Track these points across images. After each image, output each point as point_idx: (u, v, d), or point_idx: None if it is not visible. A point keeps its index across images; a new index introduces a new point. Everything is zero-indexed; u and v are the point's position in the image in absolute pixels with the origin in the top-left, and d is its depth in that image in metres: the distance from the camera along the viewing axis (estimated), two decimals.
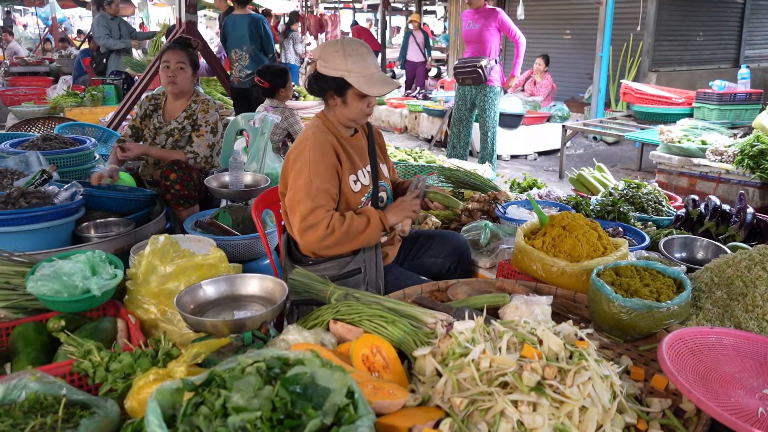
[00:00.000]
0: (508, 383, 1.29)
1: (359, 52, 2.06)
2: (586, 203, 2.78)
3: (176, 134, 3.33)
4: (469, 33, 5.56)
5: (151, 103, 3.41)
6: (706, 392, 1.36)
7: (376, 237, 2.12)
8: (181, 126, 3.33)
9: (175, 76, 3.25)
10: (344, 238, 2.04)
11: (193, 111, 3.35)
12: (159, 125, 3.36)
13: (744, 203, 2.72)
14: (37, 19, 17.40)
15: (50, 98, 7.54)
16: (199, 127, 3.32)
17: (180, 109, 3.38)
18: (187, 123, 3.34)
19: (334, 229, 2.01)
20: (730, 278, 1.82)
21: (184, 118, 3.35)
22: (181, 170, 3.12)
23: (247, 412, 1.08)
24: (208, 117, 3.34)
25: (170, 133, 3.34)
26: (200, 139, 3.29)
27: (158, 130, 3.35)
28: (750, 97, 5.75)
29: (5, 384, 1.38)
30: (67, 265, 1.81)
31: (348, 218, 2.06)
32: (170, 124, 3.35)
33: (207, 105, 3.36)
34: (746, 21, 10.51)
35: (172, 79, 3.25)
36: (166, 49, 3.33)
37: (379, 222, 2.10)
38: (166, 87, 3.30)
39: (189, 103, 3.38)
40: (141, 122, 3.42)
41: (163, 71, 3.27)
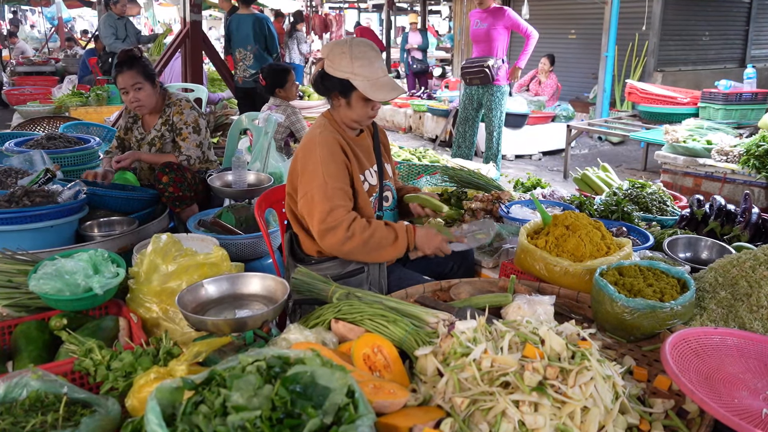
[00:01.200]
0: (509, 383, 1.28)
1: (367, 55, 2.05)
2: (590, 203, 2.77)
3: (157, 142, 3.28)
4: (477, 32, 5.55)
5: (131, 115, 3.35)
6: (710, 393, 1.35)
7: (400, 254, 2.08)
8: (159, 133, 3.27)
9: (137, 99, 3.14)
10: (365, 247, 2.00)
11: (168, 116, 3.27)
12: (140, 136, 3.32)
13: (749, 203, 2.70)
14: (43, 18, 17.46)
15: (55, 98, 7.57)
16: (180, 131, 3.24)
17: (154, 118, 3.32)
18: (164, 129, 3.27)
19: (354, 233, 1.98)
20: (734, 278, 1.80)
21: (161, 125, 3.28)
22: (173, 172, 3.07)
23: (246, 411, 1.08)
24: (185, 117, 3.24)
25: (152, 142, 3.29)
26: (186, 142, 3.22)
27: (140, 141, 3.31)
28: (756, 97, 5.72)
29: (6, 382, 1.38)
30: (69, 264, 1.81)
31: (372, 227, 2.01)
32: (150, 133, 3.30)
33: (180, 106, 3.26)
34: (752, 20, 10.46)
35: (137, 103, 3.16)
36: (116, 73, 3.15)
37: (407, 241, 2.06)
38: (136, 110, 3.22)
39: (163, 108, 3.30)
40: (125, 134, 3.39)
41: (125, 97, 3.15)
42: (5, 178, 2.93)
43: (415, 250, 2.12)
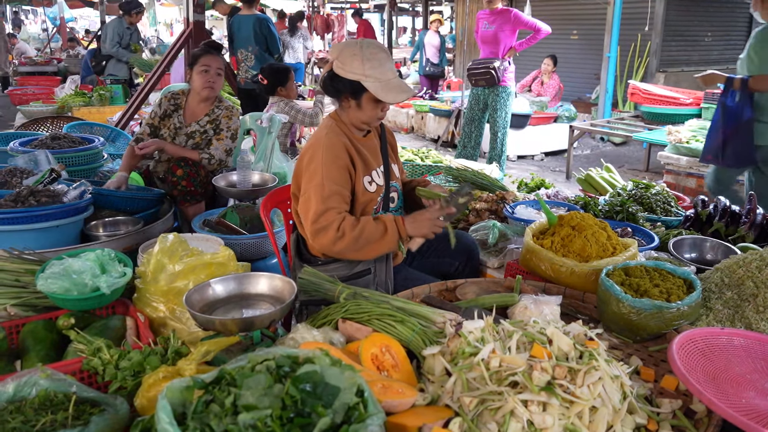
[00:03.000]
0: (517, 383, 1.29)
1: (378, 57, 2.05)
2: (594, 203, 2.77)
3: (197, 137, 3.32)
4: (485, 34, 5.55)
5: (171, 103, 3.37)
6: (717, 393, 1.35)
7: (393, 246, 2.05)
8: (203, 129, 3.33)
9: (214, 81, 3.26)
10: (356, 244, 1.99)
11: (216, 116, 3.34)
12: (179, 125, 3.33)
13: (753, 204, 2.70)
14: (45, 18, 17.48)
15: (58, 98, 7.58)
16: (220, 131, 3.32)
17: (203, 112, 3.36)
18: (209, 127, 3.33)
19: (344, 232, 1.98)
20: (740, 279, 1.81)
21: (206, 122, 3.33)
22: (187, 166, 3.11)
23: (257, 410, 1.08)
24: (231, 123, 3.34)
25: (191, 135, 3.32)
26: (219, 143, 3.29)
27: (178, 130, 3.32)
28: None
29: (16, 381, 1.38)
30: (76, 263, 1.82)
31: (361, 223, 2.01)
32: (191, 126, 3.33)
33: (231, 112, 3.37)
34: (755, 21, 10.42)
35: (211, 84, 3.26)
36: (202, 53, 3.29)
37: (397, 232, 2.03)
38: (202, 91, 3.27)
39: (212, 107, 3.36)
40: (160, 121, 3.38)
41: (202, 75, 3.24)
42: (10, 178, 2.93)
43: (410, 239, 2.10)
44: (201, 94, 3.28)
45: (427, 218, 2.05)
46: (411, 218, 2.07)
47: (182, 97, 3.39)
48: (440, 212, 2.06)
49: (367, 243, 2.01)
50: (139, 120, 5.93)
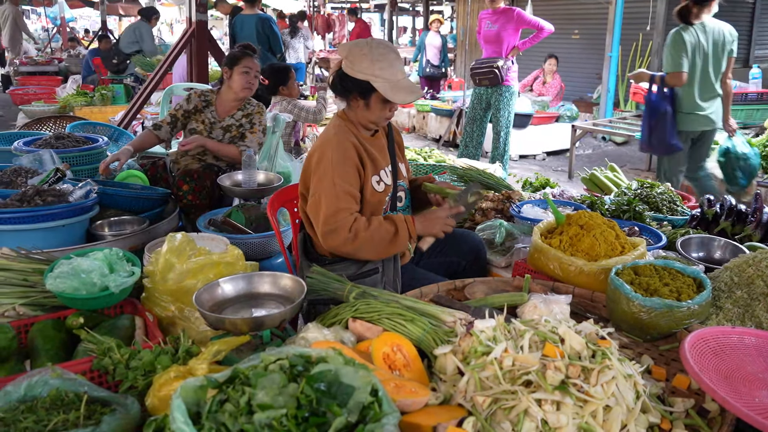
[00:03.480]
0: (531, 382, 1.28)
1: (387, 57, 2.04)
2: (601, 203, 2.77)
3: (234, 130, 3.47)
4: (488, 34, 5.55)
5: (202, 99, 3.51)
6: (731, 392, 1.35)
7: (404, 246, 2.06)
8: (238, 123, 3.48)
9: (252, 83, 3.42)
10: (368, 245, 2.00)
11: (250, 112, 3.51)
12: (213, 120, 3.48)
13: (760, 203, 2.70)
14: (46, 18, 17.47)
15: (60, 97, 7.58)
16: (253, 125, 3.49)
17: (235, 107, 3.51)
18: (244, 120, 3.49)
19: (356, 233, 1.98)
20: (750, 278, 1.80)
21: (241, 116, 3.49)
22: (193, 181, 3.19)
23: (272, 409, 1.08)
24: (262, 119, 3.54)
25: (227, 128, 3.47)
26: (253, 136, 3.47)
27: (213, 125, 3.47)
28: (761, 97, 5.72)
29: (27, 380, 1.38)
30: (85, 263, 1.81)
31: (373, 224, 2.01)
32: (225, 120, 3.48)
33: (261, 109, 3.57)
34: (756, 21, 10.44)
35: (250, 86, 3.42)
36: (243, 55, 3.43)
37: (407, 232, 2.04)
38: (242, 91, 3.42)
39: (243, 103, 3.52)
40: (185, 115, 3.49)
41: (243, 76, 3.39)
42: (15, 178, 2.93)
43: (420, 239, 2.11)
44: (239, 94, 3.44)
45: (437, 217, 2.06)
46: (421, 217, 2.07)
47: (212, 94, 3.53)
48: (450, 211, 2.07)
49: (378, 243, 2.01)
50: (141, 120, 5.93)
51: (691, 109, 4.02)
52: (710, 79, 4.02)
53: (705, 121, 4.05)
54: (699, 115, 4.04)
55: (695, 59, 3.96)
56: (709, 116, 4.05)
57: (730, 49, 4.05)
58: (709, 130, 4.13)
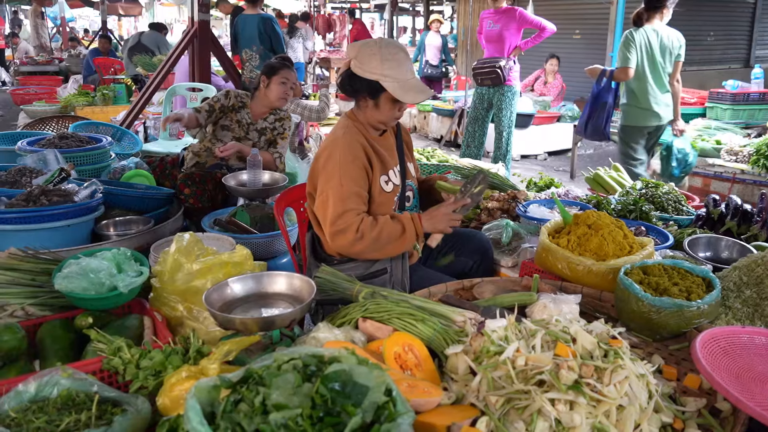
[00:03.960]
0: (543, 382, 1.28)
1: (397, 57, 2.04)
2: (607, 202, 2.77)
3: (268, 133, 3.60)
4: (490, 33, 5.54)
5: (239, 100, 3.58)
6: (743, 392, 1.35)
7: (411, 244, 2.06)
8: (272, 127, 3.60)
9: (288, 94, 3.54)
10: (376, 245, 2.00)
11: (280, 116, 3.63)
12: (249, 121, 3.56)
13: (766, 203, 2.70)
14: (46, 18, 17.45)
15: (61, 97, 7.58)
16: (284, 131, 3.63)
17: (265, 112, 3.61)
18: (277, 124, 3.62)
19: (363, 234, 1.98)
20: (759, 277, 1.80)
21: (274, 120, 3.61)
22: (195, 185, 3.20)
23: (287, 409, 1.08)
24: (290, 124, 3.70)
25: (262, 131, 3.58)
26: (284, 141, 3.63)
27: (249, 126, 3.56)
28: (763, 97, 5.73)
29: (38, 380, 1.38)
30: (93, 263, 1.81)
31: (380, 223, 2.02)
32: (258, 123, 3.58)
33: (288, 115, 3.69)
34: (757, 21, 10.45)
35: (286, 96, 3.53)
36: (281, 66, 3.53)
37: (414, 230, 2.04)
38: (278, 101, 3.53)
39: (273, 108, 3.62)
40: (222, 110, 3.52)
41: (280, 86, 3.49)
42: (20, 178, 2.92)
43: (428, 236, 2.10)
44: (275, 103, 3.55)
45: (443, 213, 2.06)
46: (427, 215, 2.08)
47: (247, 98, 3.62)
48: (455, 205, 2.07)
49: (386, 243, 2.01)
50: (143, 120, 5.92)
51: (645, 105, 4.43)
52: (661, 79, 4.42)
53: (656, 117, 4.48)
54: (652, 111, 4.46)
55: (644, 58, 4.36)
56: (659, 113, 4.47)
57: (678, 53, 4.44)
58: (661, 125, 4.57)
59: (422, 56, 10.73)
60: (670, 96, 4.53)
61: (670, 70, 4.46)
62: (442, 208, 2.08)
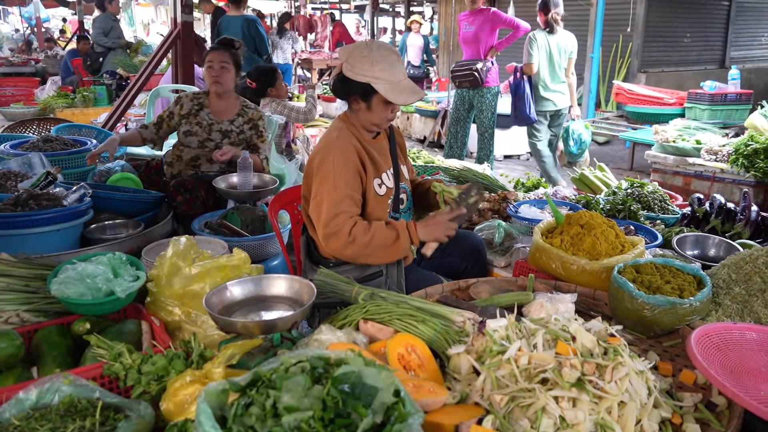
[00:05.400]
0: (546, 380, 1.31)
1: (388, 58, 2.05)
2: (596, 202, 2.81)
3: (233, 137, 3.41)
4: (466, 35, 5.58)
5: (195, 103, 3.46)
6: (738, 386, 1.39)
7: (405, 252, 2.07)
8: (239, 130, 3.43)
9: (219, 75, 3.33)
10: (367, 249, 2.01)
11: (251, 117, 3.47)
12: (210, 122, 3.41)
13: (748, 201, 2.77)
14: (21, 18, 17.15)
15: (39, 99, 7.45)
16: (261, 133, 3.48)
17: (231, 110, 3.45)
18: (246, 128, 3.44)
19: (355, 238, 1.99)
20: (748, 274, 1.85)
21: (242, 123, 3.44)
22: (187, 192, 3.16)
23: (299, 411, 1.08)
24: (264, 123, 3.52)
25: (226, 134, 3.40)
26: (265, 144, 3.48)
27: (211, 126, 3.41)
28: (740, 97, 5.86)
29: (38, 387, 1.37)
30: (89, 267, 1.79)
31: (373, 228, 2.02)
32: (224, 123, 3.42)
33: (261, 113, 3.52)
34: (731, 22, 10.68)
35: (217, 79, 3.33)
36: (209, 51, 3.41)
37: (408, 238, 2.04)
38: (211, 86, 3.38)
39: (240, 106, 3.47)
40: (179, 119, 3.44)
41: (208, 71, 3.35)
42: (5, 182, 2.88)
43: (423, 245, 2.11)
44: (211, 90, 3.39)
45: (439, 222, 2.06)
46: (423, 223, 2.08)
47: (204, 97, 3.49)
48: (452, 214, 2.08)
49: (377, 248, 2.02)
50: (125, 122, 5.86)
51: (543, 94, 5.49)
52: (555, 72, 5.44)
53: (552, 103, 5.54)
54: (548, 98, 5.50)
55: (542, 56, 5.38)
56: (553, 100, 5.52)
57: (570, 51, 5.49)
58: (558, 110, 5.60)
59: (404, 57, 10.77)
60: (566, 86, 5.54)
61: (566, 65, 5.47)
62: (438, 216, 2.09)
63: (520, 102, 5.47)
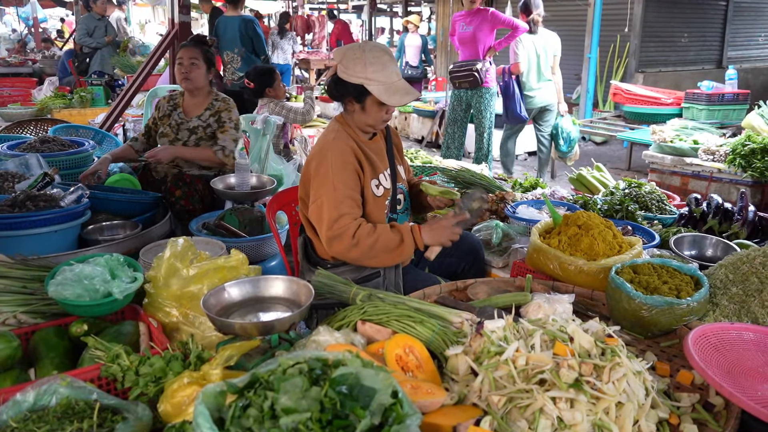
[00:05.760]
0: (544, 380, 1.31)
1: (381, 59, 2.05)
2: (593, 202, 2.82)
3: (200, 132, 3.36)
4: (463, 35, 5.58)
5: (170, 104, 3.44)
6: (735, 387, 1.39)
7: (409, 255, 2.07)
8: (205, 124, 3.37)
9: (188, 72, 3.29)
10: (371, 252, 2.01)
11: (217, 109, 3.39)
12: (180, 121, 3.38)
13: (745, 201, 2.77)
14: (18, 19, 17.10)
15: (37, 100, 7.44)
16: (223, 124, 3.37)
17: (201, 106, 3.41)
18: (212, 120, 3.38)
19: (359, 240, 1.99)
20: (745, 275, 1.85)
21: (209, 116, 3.38)
22: (185, 185, 3.16)
23: (297, 413, 1.08)
24: (231, 114, 3.41)
25: (193, 130, 3.36)
26: (225, 134, 3.35)
27: (180, 125, 3.37)
28: (737, 97, 5.86)
29: (36, 389, 1.36)
30: (87, 269, 1.79)
31: (377, 231, 2.02)
32: (192, 120, 3.38)
33: (228, 104, 3.43)
34: (729, 23, 10.69)
35: (186, 75, 3.29)
36: (180, 47, 3.39)
37: (413, 242, 2.05)
38: (181, 83, 3.35)
39: (210, 101, 3.42)
40: (154, 123, 3.45)
41: (177, 68, 3.32)
42: (2, 183, 2.88)
43: (427, 248, 2.11)
44: (182, 86, 3.37)
45: (443, 226, 2.07)
46: (428, 227, 2.08)
47: (179, 96, 3.46)
48: (455, 219, 2.08)
49: (381, 251, 2.02)
50: (122, 122, 5.85)
51: (529, 92, 5.75)
52: (541, 71, 5.72)
53: (538, 101, 5.80)
54: (534, 96, 5.77)
55: (530, 56, 5.65)
56: (537, 98, 5.78)
57: (555, 50, 5.81)
58: (544, 106, 5.86)
59: (402, 57, 10.76)
60: (551, 84, 5.82)
61: (552, 63, 5.78)
62: (442, 221, 2.09)
63: (511, 102, 5.69)
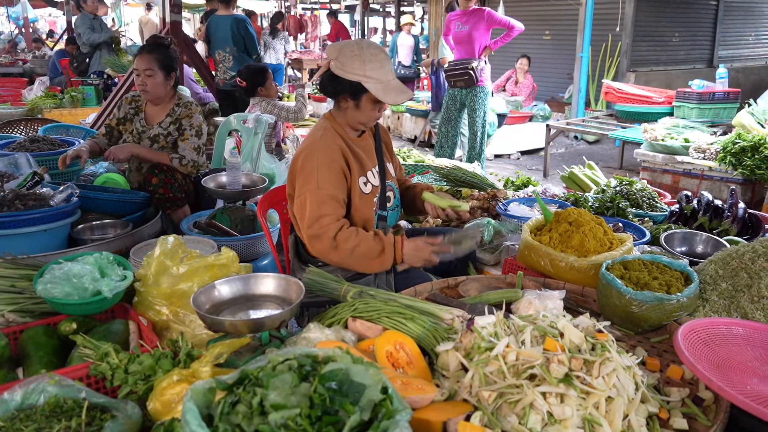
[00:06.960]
0: (534, 376, 1.31)
1: (378, 58, 2.06)
2: (584, 200, 2.83)
3: (161, 140, 3.23)
4: (459, 35, 5.58)
5: (132, 106, 3.32)
6: (724, 381, 1.40)
7: (387, 266, 2.08)
8: (166, 132, 3.23)
9: (144, 84, 3.13)
10: (350, 258, 2.01)
11: (178, 116, 3.24)
12: (142, 129, 3.26)
13: (735, 199, 2.79)
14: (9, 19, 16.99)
15: (27, 99, 7.39)
16: (183, 131, 3.23)
17: (163, 113, 3.26)
18: (172, 128, 3.24)
19: (339, 244, 1.99)
20: (734, 270, 1.86)
21: (169, 123, 3.24)
22: (162, 173, 3.07)
23: (286, 409, 1.08)
24: (193, 121, 3.24)
25: (155, 138, 3.23)
26: (185, 143, 3.20)
27: (141, 134, 3.25)
28: (728, 96, 5.90)
29: (23, 388, 1.35)
30: (76, 267, 1.78)
31: (359, 238, 2.02)
32: (153, 128, 3.24)
33: (190, 110, 3.25)
34: (719, 22, 10.75)
35: (143, 87, 3.14)
36: (136, 54, 3.20)
37: (393, 256, 2.05)
38: (141, 95, 3.24)
39: (172, 106, 3.26)
40: (118, 123, 3.33)
41: (136, 79, 3.17)
42: None
43: (402, 263, 2.10)
44: (143, 97, 3.24)
45: (423, 249, 2.06)
46: (412, 245, 2.07)
47: (142, 100, 3.32)
48: (439, 248, 2.08)
49: (360, 258, 2.02)
50: None
51: None
52: None
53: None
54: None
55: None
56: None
57: None
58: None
59: (395, 57, 10.76)
60: None
61: None
62: (426, 245, 2.07)
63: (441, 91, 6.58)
